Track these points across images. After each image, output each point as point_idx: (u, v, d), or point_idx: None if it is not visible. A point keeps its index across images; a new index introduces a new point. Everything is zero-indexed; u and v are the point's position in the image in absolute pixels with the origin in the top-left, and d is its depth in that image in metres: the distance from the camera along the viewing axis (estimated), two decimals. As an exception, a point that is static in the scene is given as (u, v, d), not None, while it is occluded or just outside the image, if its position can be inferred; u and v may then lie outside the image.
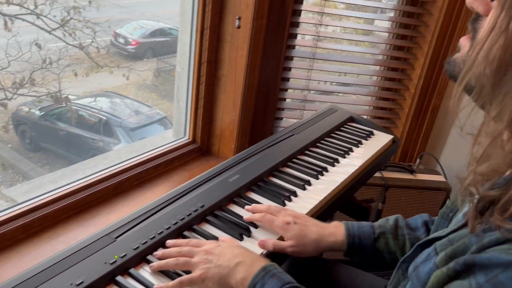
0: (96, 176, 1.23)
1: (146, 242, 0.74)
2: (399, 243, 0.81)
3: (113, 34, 5.77)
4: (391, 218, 0.85)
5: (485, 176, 0.44)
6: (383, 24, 1.59)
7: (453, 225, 0.52)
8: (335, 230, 0.82)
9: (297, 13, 1.42)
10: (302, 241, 0.79)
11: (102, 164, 1.38)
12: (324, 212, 0.98)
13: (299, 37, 1.49)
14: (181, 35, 1.44)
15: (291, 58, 1.50)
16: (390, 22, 1.54)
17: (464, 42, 0.51)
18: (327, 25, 1.43)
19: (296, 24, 1.44)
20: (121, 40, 5.87)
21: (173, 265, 0.69)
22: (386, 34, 1.53)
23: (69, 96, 4.81)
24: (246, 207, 0.87)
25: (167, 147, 1.43)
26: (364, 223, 0.84)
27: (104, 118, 4.78)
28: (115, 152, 1.45)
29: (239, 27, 1.28)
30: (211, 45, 1.36)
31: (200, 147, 1.50)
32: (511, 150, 0.42)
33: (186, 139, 1.50)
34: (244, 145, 1.50)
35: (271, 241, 0.78)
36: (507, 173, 0.44)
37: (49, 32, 3.10)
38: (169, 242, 0.76)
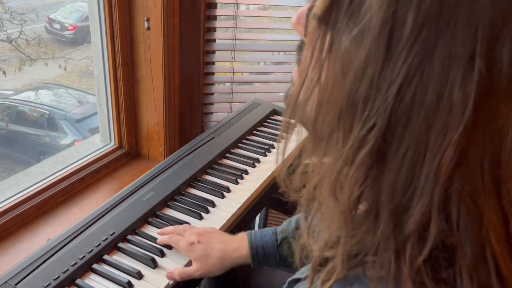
0: (15, 198, 1.17)
1: (49, 285, 0.71)
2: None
3: (47, 20, 5.44)
4: (294, 219, 0.84)
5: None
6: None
7: (309, 266, 0.47)
8: (239, 244, 0.81)
9: (212, 6, 1.38)
10: (206, 262, 0.78)
11: (24, 181, 1.33)
12: (245, 216, 0.98)
13: (218, 30, 1.45)
14: (94, 38, 1.37)
15: (213, 52, 1.46)
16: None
17: (295, 78, 0.45)
18: (244, 16, 1.40)
19: (213, 17, 1.40)
20: (57, 26, 5.55)
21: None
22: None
23: (5, 92, 4.55)
24: (158, 231, 0.86)
25: (93, 156, 1.38)
26: (267, 230, 0.83)
27: (47, 112, 4.58)
28: (39, 167, 1.39)
29: (148, 28, 1.22)
30: (124, 48, 1.30)
31: (129, 152, 1.46)
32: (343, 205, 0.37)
33: (112, 145, 1.45)
34: (175, 146, 1.47)
35: (177, 270, 0.77)
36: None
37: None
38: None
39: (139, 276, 0.77)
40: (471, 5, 0.30)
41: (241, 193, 1.00)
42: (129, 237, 0.85)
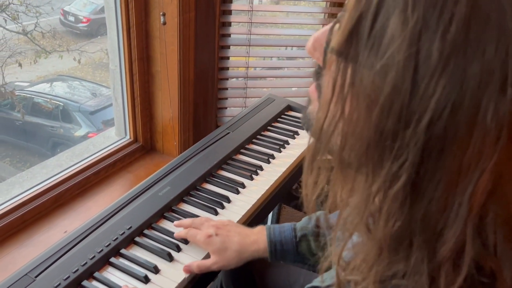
0: (33, 191, 1.19)
1: (68, 277, 0.73)
2: (320, 244, 0.78)
3: (62, 13, 5.47)
4: (314, 217, 0.83)
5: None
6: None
7: (330, 275, 0.47)
8: (257, 238, 0.81)
9: (228, 0, 1.37)
10: (224, 255, 0.78)
11: (41, 174, 1.34)
12: (259, 212, 0.99)
13: (233, 24, 1.44)
14: (110, 32, 1.38)
15: (227, 47, 1.46)
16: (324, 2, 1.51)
17: (313, 96, 0.44)
18: (259, 10, 1.39)
19: (229, 12, 1.40)
20: (71, 18, 5.57)
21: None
22: (322, 15, 1.51)
23: (21, 84, 4.60)
24: (174, 222, 0.87)
25: (108, 150, 1.39)
26: (286, 226, 0.82)
27: (61, 104, 4.61)
28: (55, 159, 1.40)
29: (164, 23, 1.23)
30: (140, 42, 1.31)
31: (143, 146, 1.47)
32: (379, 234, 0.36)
33: (127, 138, 1.46)
34: (189, 140, 1.48)
35: (195, 263, 0.78)
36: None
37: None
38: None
39: (155, 270, 0.78)
40: (499, 29, 0.29)
41: (256, 189, 1.00)
42: (146, 231, 0.86)
